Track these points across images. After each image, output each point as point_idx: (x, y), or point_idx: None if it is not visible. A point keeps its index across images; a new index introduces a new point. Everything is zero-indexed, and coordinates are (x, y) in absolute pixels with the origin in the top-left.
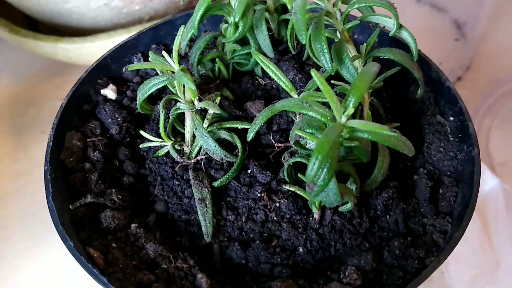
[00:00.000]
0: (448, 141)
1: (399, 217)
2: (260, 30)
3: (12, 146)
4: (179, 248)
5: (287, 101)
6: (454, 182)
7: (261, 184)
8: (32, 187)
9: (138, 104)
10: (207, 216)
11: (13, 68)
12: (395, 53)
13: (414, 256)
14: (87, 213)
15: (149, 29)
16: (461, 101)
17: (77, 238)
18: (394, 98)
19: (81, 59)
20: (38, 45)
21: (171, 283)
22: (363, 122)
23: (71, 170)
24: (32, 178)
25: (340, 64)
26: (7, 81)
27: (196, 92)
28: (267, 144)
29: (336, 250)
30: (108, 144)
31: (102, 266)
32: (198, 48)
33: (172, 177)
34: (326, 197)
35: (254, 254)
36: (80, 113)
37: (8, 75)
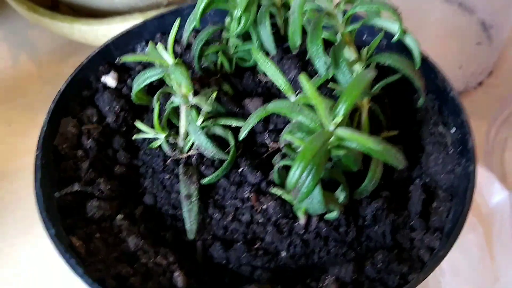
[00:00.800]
0: (447, 154)
1: (387, 228)
2: (264, 25)
3: (26, 123)
4: (162, 242)
5: (279, 103)
6: (449, 197)
7: (250, 184)
8: None
9: (133, 95)
10: (192, 213)
11: (31, 46)
12: (396, 60)
13: (397, 271)
14: (74, 201)
15: (155, 18)
16: (464, 113)
17: (62, 225)
18: (397, 105)
19: (97, 41)
20: (55, 24)
21: (148, 278)
22: (350, 131)
23: (63, 157)
24: None
25: (336, 68)
26: (24, 58)
27: (191, 87)
28: (261, 144)
29: (320, 257)
30: (104, 133)
31: (83, 256)
32: (200, 41)
33: (163, 171)
34: (310, 204)
35: (235, 255)
36: (79, 99)
37: (26, 52)
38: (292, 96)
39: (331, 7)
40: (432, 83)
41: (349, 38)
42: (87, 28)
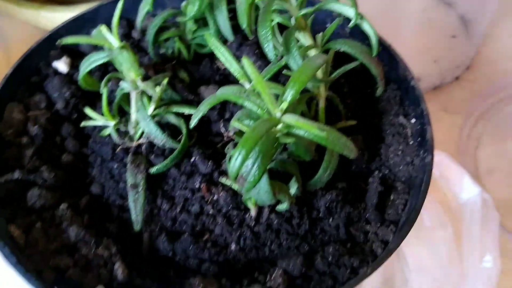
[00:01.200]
0: (407, 145)
1: (341, 221)
2: (220, 10)
3: None
4: (106, 234)
5: (226, 89)
6: (407, 189)
7: (202, 174)
8: None
9: (79, 79)
10: (138, 203)
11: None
12: (352, 46)
13: (347, 265)
14: (15, 189)
15: (110, 2)
16: (423, 103)
17: (1, 213)
18: (358, 95)
19: None
20: (20, 12)
21: (88, 270)
22: (296, 118)
23: (7, 144)
24: None
25: (288, 53)
26: None
27: (139, 71)
28: (217, 133)
29: (271, 250)
30: (52, 120)
31: (21, 245)
32: (155, 26)
33: (111, 159)
34: (258, 194)
35: (182, 247)
36: (27, 85)
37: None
38: (246, 82)
39: None
40: (394, 72)
41: (304, 22)
42: (53, 15)
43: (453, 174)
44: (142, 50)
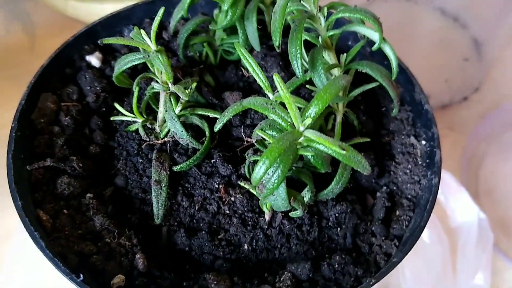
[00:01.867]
0: (416, 165)
1: (349, 232)
2: (250, 21)
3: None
4: (127, 225)
5: (254, 99)
6: (412, 207)
7: (221, 176)
8: None
9: (114, 77)
10: (160, 199)
11: (26, 18)
12: (373, 68)
13: (352, 273)
14: (46, 176)
15: (144, 3)
16: (435, 127)
17: (31, 199)
18: (373, 112)
19: (90, 19)
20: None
21: (110, 258)
22: (318, 134)
23: (39, 131)
24: None
25: (313, 71)
26: (18, 29)
27: (171, 74)
28: (237, 137)
29: (281, 253)
30: (82, 111)
31: (49, 230)
32: (186, 31)
33: (137, 154)
34: (275, 200)
35: (198, 243)
36: (61, 76)
37: (20, 24)
38: (270, 93)
39: (314, 10)
40: (409, 94)
41: (330, 42)
42: (80, 5)
43: (453, 192)
44: (170, 51)
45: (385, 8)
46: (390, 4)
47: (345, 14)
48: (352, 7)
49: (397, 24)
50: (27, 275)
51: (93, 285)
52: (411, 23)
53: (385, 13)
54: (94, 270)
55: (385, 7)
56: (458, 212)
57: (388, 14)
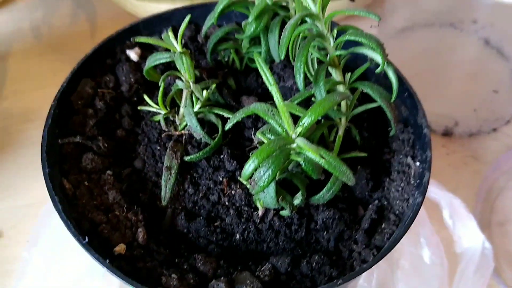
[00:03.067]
0: (408, 184)
1: (333, 236)
2: (273, 34)
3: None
4: (137, 202)
5: (258, 105)
6: (397, 222)
7: (226, 170)
8: None
9: (144, 71)
10: (168, 183)
11: (91, 9)
12: (374, 89)
13: (327, 273)
14: (74, 150)
15: (184, 8)
16: (429, 150)
17: (59, 168)
18: (379, 131)
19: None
20: None
21: (116, 228)
22: (306, 142)
23: (75, 111)
24: None
25: (316, 85)
26: (83, 19)
27: (192, 74)
28: (248, 138)
29: (268, 247)
30: (115, 98)
31: (69, 197)
32: (215, 37)
33: (156, 142)
34: (265, 197)
35: (196, 227)
36: (102, 66)
37: (85, 14)
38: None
39: (325, 31)
40: (413, 118)
41: (337, 61)
42: (138, 3)
43: (462, 219)
44: (202, 53)
45: (428, 33)
46: (434, 29)
47: (351, 37)
48: (359, 31)
49: (438, 50)
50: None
51: (99, 249)
52: (452, 50)
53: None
54: (101, 236)
55: (429, 32)
56: (464, 239)
57: (431, 40)
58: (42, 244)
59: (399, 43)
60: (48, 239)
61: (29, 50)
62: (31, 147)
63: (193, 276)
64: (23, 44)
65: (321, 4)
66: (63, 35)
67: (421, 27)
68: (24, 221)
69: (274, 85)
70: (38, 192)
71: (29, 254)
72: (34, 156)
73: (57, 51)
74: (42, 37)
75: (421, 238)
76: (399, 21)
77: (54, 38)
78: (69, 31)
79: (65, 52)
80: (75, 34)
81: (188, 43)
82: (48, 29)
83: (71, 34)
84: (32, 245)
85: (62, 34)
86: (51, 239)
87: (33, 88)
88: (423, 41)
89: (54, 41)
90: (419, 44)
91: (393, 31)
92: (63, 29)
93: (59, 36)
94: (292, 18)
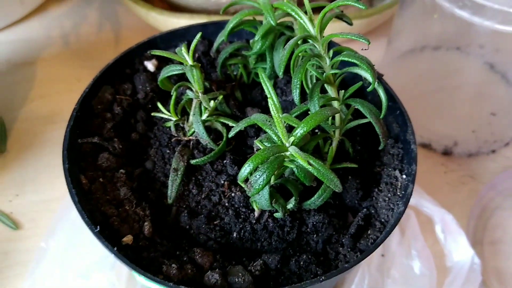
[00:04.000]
0: (394, 194)
1: (321, 239)
2: (278, 52)
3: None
4: (145, 199)
5: (258, 116)
6: (382, 229)
7: (228, 174)
8: None
9: (159, 81)
10: (174, 183)
11: (116, 20)
12: (365, 106)
13: (313, 272)
14: (92, 150)
15: (199, 25)
16: (415, 164)
17: (77, 165)
18: (369, 144)
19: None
20: (135, 7)
21: (125, 221)
22: (297, 150)
23: (95, 115)
24: None
25: (310, 100)
26: (108, 29)
27: (201, 86)
28: (250, 146)
29: (262, 245)
30: (132, 105)
31: (85, 191)
32: (225, 52)
33: (166, 146)
34: (259, 199)
35: (197, 224)
36: (121, 74)
37: (111, 24)
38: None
39: (322, 51)
40: (403, 134)
41: (333, 79)
42: (160, 17)
43: (453, 234)
44: (214, 67)
45: (435, 56)
46: (441, 52)
47: (345, 58)
48: (352, 53)
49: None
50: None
51: (109, 238)
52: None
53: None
54: (111, 228)
55: (436, 54)
56: (454, 253)
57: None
58: (59, 236)
59: (404, 64)
60: (64, 231)
61: (57, 56)
62: (53, 147)
63: (191, 267)
64: (51, 51)
65: (319, 27)
66: (89, 43)
67: (428, 49)
68: (43, 215)
69: (270, 98)
70: (58, 189)
71: (46, 244)
72: (55, 155)
73: (83, 58)
74: (70, 44)
75: (412, 250)
76: (406, 43)
77: (80, 46)
78: (95, 40)
79: (90, 59)
80: (100, 43)
81: (201, 57)
82: (76, 38)
83: (97, 43)
84: (49, 236)
85: (89, 42)
86: (67, 231)
87: (58, 92)
88: (429, 63)
89: (80, 49)
90: (426, 65)
91: (398, 53)
92: (90, 38)
93: (85, 44)
94: (292, 39)
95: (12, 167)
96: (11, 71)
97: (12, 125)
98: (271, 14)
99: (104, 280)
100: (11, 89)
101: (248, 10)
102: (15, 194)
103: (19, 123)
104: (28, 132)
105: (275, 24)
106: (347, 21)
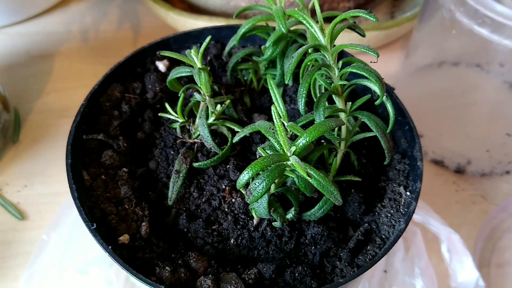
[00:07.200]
0: (397, 211)
1: (319, 251)
2: (288, 59)
3: None
4: (146, 199)
5: (262, 123)
6: (382, 245)
7: (230, 179)
8: None
9: (167, 82)
10: (176, 185)
11: (136, 18)
12: (371, 120)
13: (308, 284)
14: (97, 146)
15: (213, 28)
16: (419, 182)
17: (81, 161)
18: (375, 158)
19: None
20: (154, 7)
21: (123, 220)
22: (298, 160)
23: (103, 112)
24: None
25: (316, 110)
26: (127, 26)
27: (209, 89)
28: (255, 152)
29: (259, 254)
30: (140, 104)
31: (86, 187)
32: (236, 57)
33: (171, 147)
34: (258, 207)
35: (195, 228)
36: (132, 73)
37: (130, 22)
38: (285, 122)
39: (331, 62)
40: (411, 150)
41: (341, 90)
42: (179, 18)
43: (459, 254)
44: (225, 71)
45: (453, 72)
46: (460, 68)
47: (353, 69)
48: (362, 64)
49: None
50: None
51: (105, 236)
52: (475, 90)
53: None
54: (109, 226)
55: (455, 71)
56: (459, 274)
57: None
58: (61, 230)
59: (421, 78)
60: (66, 225)
61: (75, 51)
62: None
63: (185, 271)
64: (70, 45)
65: (330, 37)
66: (108, 40)
67: (447, 65)
68: (50, 208)
69: (274, 105)
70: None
71: (48, 236)
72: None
73: (100, 54)
74: (89, 40)
75: (416, 268)
76: (424, 58)
77: (99, 43)
78: (114, 37)
79: (107, 56)
80: (118, 40)
81: (213, 60)
82: (95, 34)
83: (115, 40)
84: (52, 229)
85: (107, 39)
86: (69, 226)
87: (72, 87)
88: (447, 79)
89: (99, 45)
90: (443, 81)
91: (415, 67)
92: (109, 34)
93: (104, 41)
94: (301, 48)
95: (23, 157)
96: (29, 63)
97: (26, 117)
98: (282, 21)
99: (102, 277)
100: (28, 81)
101: (261, 16)
102: (24, 185)
103: (33, 115)
104: (41, 125)
105: (286, 31)
106: (360, 33)
